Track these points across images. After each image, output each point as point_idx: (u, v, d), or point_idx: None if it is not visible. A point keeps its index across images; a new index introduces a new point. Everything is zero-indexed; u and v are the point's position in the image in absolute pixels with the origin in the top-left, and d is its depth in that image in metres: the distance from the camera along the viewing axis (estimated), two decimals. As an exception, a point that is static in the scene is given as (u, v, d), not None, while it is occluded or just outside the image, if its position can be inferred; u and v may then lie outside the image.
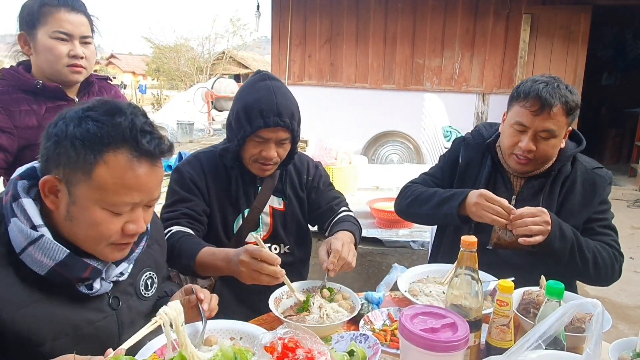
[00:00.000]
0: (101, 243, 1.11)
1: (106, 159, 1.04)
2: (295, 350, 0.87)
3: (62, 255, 1.06)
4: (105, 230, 1.09)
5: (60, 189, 1.07)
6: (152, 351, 1.16)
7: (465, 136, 2.09)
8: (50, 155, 1.07)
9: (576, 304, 0.85)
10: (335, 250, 1.57)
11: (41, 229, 1.07)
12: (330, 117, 8.43)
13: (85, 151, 1.03)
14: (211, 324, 1.32)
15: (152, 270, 1.35)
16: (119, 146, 1.05)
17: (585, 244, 1.74)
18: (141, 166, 1.07)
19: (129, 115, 1.08)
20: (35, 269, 1.06)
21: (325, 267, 1.56)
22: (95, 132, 1.04)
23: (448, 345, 1.07)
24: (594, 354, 0.73)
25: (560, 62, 7.53)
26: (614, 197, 7.25)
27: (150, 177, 1.10)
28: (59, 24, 1.80)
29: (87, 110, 1.07)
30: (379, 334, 1.42)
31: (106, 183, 1.05)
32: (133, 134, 1.06)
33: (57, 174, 1.06)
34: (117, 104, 1.10)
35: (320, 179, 1.99)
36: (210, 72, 23.57)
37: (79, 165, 1.04)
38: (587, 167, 1.89)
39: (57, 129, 1.07)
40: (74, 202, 1.07)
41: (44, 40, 1.81)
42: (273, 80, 1.74)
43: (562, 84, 1.73)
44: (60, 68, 1.84)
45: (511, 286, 1.27)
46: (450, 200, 1.84)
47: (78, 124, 1.05)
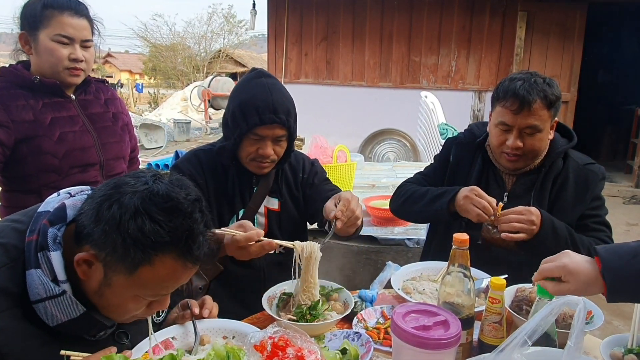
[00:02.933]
0: (123, 317, 1.10)
1: (153, 260, 0.99)
2: (285, 349, 0.87)
3: (77, 313, 1.03)
4: (132, 311, 1.08)
5: (94, 264, 1.02)
6: (143, 351, 1.16)
7: (457, 135, 2.11)
8: (95, 236, 1.00)
9: (562, 302, 0.86)
10: (344, 199, 1.55)
11: (64, 285, 1.03)
12: (326, 115, 8.43)
13: (134, 250, 0.98)
14: (204, 323, 1.32)
15: None
16: (170, 251, 1.00)
17: (579, 241, 1.75)
18: (186, 270, 1.04)
19: (187, 217, 1.01)
20: (45, 320, 1.03)
21: (332, 215, 1.52)
22: (149, 234, 0.97)
23: (440, 343, 1.08)
24: (576, 348, 0.74)
25: (556, 59, 7.55)
26: (610, 194, 7.28)
27: (189, 275, 1.08)
28: (61, 27, 1.81)
29: (146, 201, 0.99)
30: (372, 332, 1.42)
31: (147, 282, 1.02)
32: (187, 243, 1.01)
33: (97, 254, 1.01)
34: (178, 202, 1.01)
35: (316, 175, 1.99)
36: (207, 71, 23.54)
37: (125, 261, 0.99)
38: (579, 163, 1.90)
39: (110, 215, 0.98)
40: (109, 285, 1.03)
41: (46, 43, 1.82)
42: (268, 78, 1.74)
43: (539, 79, 1.75)
44: (60, 70, 1.86)
45: (503, 283, 1.28)
46: (441, 197, 1.87)
47: (133, 217, 0.97)
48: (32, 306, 1.02)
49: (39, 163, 1.85)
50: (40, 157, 1.84)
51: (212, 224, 1.15)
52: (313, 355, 0.87)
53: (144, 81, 28.91)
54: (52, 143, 1.85)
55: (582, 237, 1.79)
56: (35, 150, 1.83)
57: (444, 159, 2.08)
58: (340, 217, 1.50)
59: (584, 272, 1.15)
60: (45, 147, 1.84)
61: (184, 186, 1.06)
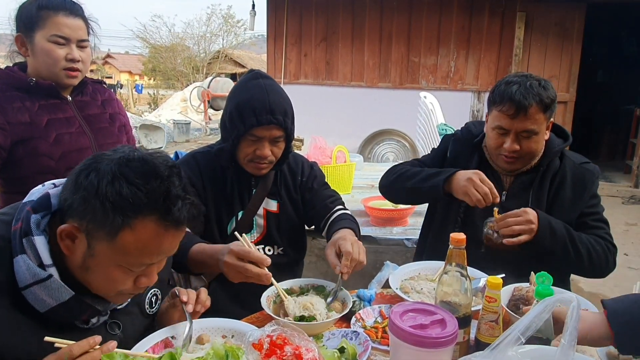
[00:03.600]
0: (112, 292, 1.10)
1: (133, 224, 1.00)
2: (283, 347, 0.88)
3: (66, 296, 1.04)
4: (119, 285, 1.08)
5: (78, 237, 1.04)
6: (144, 349, 1.17)
7: (454, 132, 2.13)
8: (75, 206, 1.02)
9: (555, 300, 0.87)
10: (346, 252, 1.53)
11: (50, 269, 1.04)
12: (326, 115, 8.44)
13: (114, 214, 0.99)
14: (203, 323, 1.33)
15: (156, 287, 1.35)
16: (149, 213, 1.01)
17: (578, 238, 1.77)
18: (167, 234, 1.05)
19: (164, 179, 1.03)
20: (35, 306, 1.04)
21: (338, 270, 1.53)
22: (127, 196, 0.99)
23: (437, 341, 1.09)
24: (569, 346, 0.75)
25: (555, 59, 7.56)
26: (609, 194, 7.29)
27: (174, 242, 1.08)
28: (57, 27, 1.81)
29: (122, 166, 1.01)
30: (370, 331, 1.43)
31: (129, 247, 1.02)
32: (166, 203, 1.01)
33: (79, 224, 1.02)
34: (154, 165, 1.04)
35: (315, 179, 1.99)
36: (206, 71, 23.57)
37: (105, 225, 1.00)
38: (575, 162, 1.93)
39: (88, 182, 1.01)
40: (92, 256, 1.04)
41: (42, 44, 1.82)
42: (265, 79, 1.75)
43: (534, 82, 1.76)
44: (57, 71, 1.86)
45: (499, 283, 1.29)
46: (437, 175, 1.88)
47: (111, 181, 1.00)
48: (22, 294, 1.03)
49: (35, 165, 1.85)
50: (36, 159, 1.85)
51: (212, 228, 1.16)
52: (311, 353, 0.88)
53: (144, 82, 28.94)
54: (48, 145, 1.85)
55: (581, 234, 1.81)
56: (32, 152, 1.83)
57: (441, 153, 2.11)
58: (346, 272, 1.51)
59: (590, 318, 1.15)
60: (41, 149, 1.84)
61: (162, 156, 1.08)
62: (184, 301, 1.25)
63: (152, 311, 1.34)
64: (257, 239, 1.90)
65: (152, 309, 1.33)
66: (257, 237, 1.90)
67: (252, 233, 1.89)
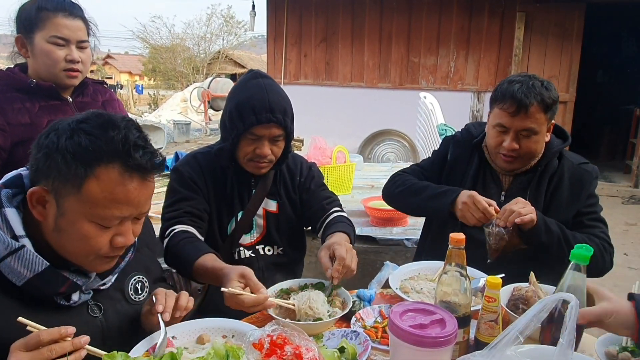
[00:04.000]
0: (89, 256, 1.10)
1: (97, 173, 1.02)
2: (283, 347, 0.88)
3: (41, 267, 1.05)
4: (94, 243, 1.08)
5: (48, 200, 1.06)
6: (144, 349, 1.18)
7: (455, 134, 2.13)
8: (40, 166, 1.05)
9: (555, 298, 0.87)
10: (339, 257, 1.54)
11: (23, 239, 1.06)
12: (326, 116, 8.46)
13: (76, 165, 1.02)
14: (204, 323, 1.34)
15: (141, 274, 1.35)
16: (110, 160, 1.03)
17: (572, 237, 1.78)
18: (132, 181, 1.06)
19: (122, 129, 1.06)
20: (12, 279, 1.05)
21: (329, 274, 1.54)
22: (87, 146, 1.02)
23: (436, 341, 1.09)
24: (568, 345, 0.76)
25: (554, 59, 7.56)
26: (609, 194, 7.30)
27: (141, 192, 1.09)
28: (56, 28, 1.82)
29: (80, 123, 1.05)
30: (370, 331, 1.43)
31: (96, 197, 1.03)
32: (126, 148, 1.04)
33: (46, 185, 1.05)
34: (110, 118, 1.08)
35: (312, 180, 1.99)
36: (206, 72, 23.57)
37: (69, 178, 1.02)
38: (573, 163, 1.94)
39: (49, 140, 1.05)
40: (63, 215, 1.05)
41: (42, 45, 1.83)
42: (265, 78, 1.76)
43: (537, 82, 1.77)
44: (57, 72, 1.87)
45: (499, 282, 1.30)
46: (442, 197, 1.88)
47: (70, 136, 1.03)
48: None
49: None
50: None
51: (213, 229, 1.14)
52: (311, 352, 0.88)
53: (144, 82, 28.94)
54: None
55: (576, 234, 1.82)
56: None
57: (441, 156, 2.11)
58: (336, 277, 1.53)
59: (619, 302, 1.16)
60: None
61: (118, 114, 1.13)
62: (159, 311, 1.21)
63: (138, 299, 1.32)
64: (257, 239, 1.91)
65: (138, 296, 1.32)
66: (257, 237, 1.91)
67: (251, 233, 1.90)
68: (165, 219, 1.75)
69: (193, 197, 1.79)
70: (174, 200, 1.78)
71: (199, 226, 1.76)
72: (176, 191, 1.80)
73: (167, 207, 1.79)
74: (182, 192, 1.79)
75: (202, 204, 1.80)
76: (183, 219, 1.73)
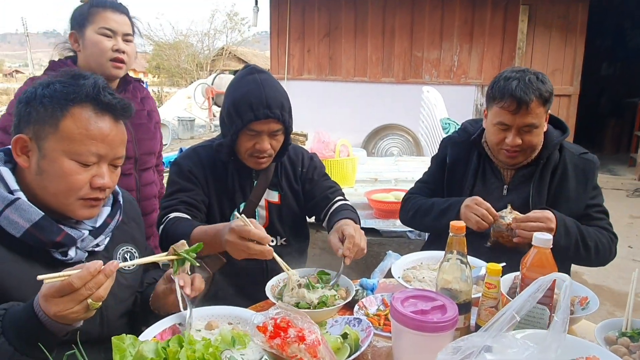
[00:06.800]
0: (71, 196, 1.18)
1: (72, 112, 1.15)
2: (287, 330, 0.91)
3: (37, 216, 1.14)
4: (74, 181, 1.17)
5: (31, 148, 1.17)
6: (152, 335, 1.21)
7: (451, 135, 2.15)
8: (21, 116, 1.18)
9: (549, 279, 0.89)
10: (349, 235, 1.58)
11: (17, 192, 1.16)
12: (329, 111, 8.46)
13: (52, 106, 1.15)
14: (210, 310, 1.37)
15: (130, 245, 1.41)
16: (83, 101, 1.17)
17: (587, 233, 1.81)
18: (104, 119, 1.19)
19: (91, 78, 1.20)
20: (10, 231, 1.12)
21: (341, 253, 1.56)
22: (61, 90, 1.16)
23: (437, 326, 1.12)
24: (562, 322, 0.77)
25: (558, 52, 7.54)
26: (614, 187, 7.29)
27: (113, 131, 1.21)
28: (104, 21, 2.02)
29: (54, 77, 1.20)
30: (373, 319, 1.46)
31: (72, 133, 1.15)
32: (96, 91, 1.18)
33: (27, 133, 1.16)
34: (81, 72, 1.23)
35: (315, 170, 2.01)
36: (210, 69, 23.57)
37: (47, 120, 1.15)
38: (574, 153, 1.96)
39: (28, 92, 1.18)
40: (44, 156, 1.15)
41: (92, 36, 2.02)
42: (261, 73, 1.77)
43: (532, 77, 1.78)
44: (104, 62, 2.03)
45: (499, 269, 1.32)
46: (448, 212, 1.91)
47: (46, 86, 1.18)
48: None
49: None
50: None
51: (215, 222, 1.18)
52: (313, 334, 0.91)
53: (148, 79, 28.97)
54: None
55: (588, 228, 1.84)
56: None
57: (440, 159, 2.13)
58: (348, 255, 1.55)
59: None
60: None
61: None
62: (181, 285, 1.26)
63: (127, 268, 1.36)
64: None
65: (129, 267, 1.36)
66: None
67: None
68: (162, 207, 1.78)
69: (191, 188, 1.82)
70: (172, 191, 1.82)
71: (195, 215, 1.78)
72: (175, 183, 1.83)
73: (165, 198, 1.83)
74: (181, 183, 1.82)
75: (199, 196, 1.83)
76: (179, 207, 1.76)
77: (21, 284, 1.12)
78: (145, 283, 1.50)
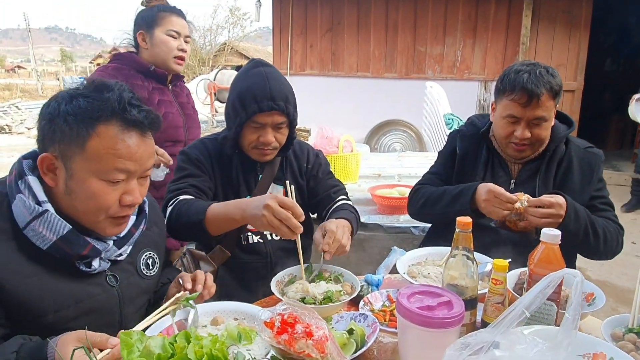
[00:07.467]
0: (100, 215, 1.16)
1: (98, 130, 1.10)
2: (294, 325, 0.91)
3: (64, 230, 1.12)
4: (103, 201, 1.14)
5: (57, 166, 1.13)
6: (158, 331, 1.21)
7: (459, 128, 2.15)
8: (45, 134, 1.13)
9: (560, 275, 0.89)
10: (330, 231, 1.59)
11: (45, 204, 1.13)
12: (332, 106, 8.45)
13: (77, 125, 1.10)
14: (216, 306, 1.37)
15: (152, 251, 1.41)
16: (109, 118, 1.11)
17: (596, 221, 1.80)
18: (131, 136, 1.14)
19: (116, 90, 1.14)
20: (37, 244, 1.11)
21: (320, 248, 1.58)
22: (85, 107, 1.10)
23: (443, 322, 1.11)
24: (573, 319, 0.77)
25: (562, 48, 7.50)
26: (617, 183, 7.26)
27: (141, 147, 1.16)
28: (172, 24, 2.37)
29: (76, 90, 1.15)
30: (378, 314, 1.45)
31: (99, 153, 1.11)
32: (121, 106, 1.12)
33: (53, 151, 1.12)
34: (104, 82, 1.17)
35: (320, 168, 2.02)
36: (212, 64, 23.54)
37: (73, 139, 1.10)
38: (580, 147, 1.97)
39: (50, 108, 1.13)
40: (71, 176, 1.12)
41: (161, 36, 2.36)
42: (265, 67, 1.77)
43: (542, 70, 1.78)
44: (170, 58, 2.39)
45: (506, 265, 1.31)
46: (460, 197, 1.88)
47: (69, 101, 1.12)
48: (24, 235, 1.10)
49: None
50: None
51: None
52: (321, 330, 0.91)
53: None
54: None
55: (598, 218, 1.84)
56: None
57: (449, 151, 2.12)
58: (327, 250, 1.56)
59: None
60: None
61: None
62: (188, 289, 1.30)
63: (149, 274, 1.38)
64: None
65: (149, 271, 1.38)
66: None
67: None
68: (170, 190, 1.76)
69: (199, 174, 1.82)
70: (181, 176, 1.81)
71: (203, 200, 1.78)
72: (183, 169, 1.83)
73: (173, 182, 1.81)
74: (189, 169, 1.82)
75: (207, 182, 1.83)
76: (188, 190, 1.75)
77: (43, 297, 1.11)
78: (160, 283, 1.51)
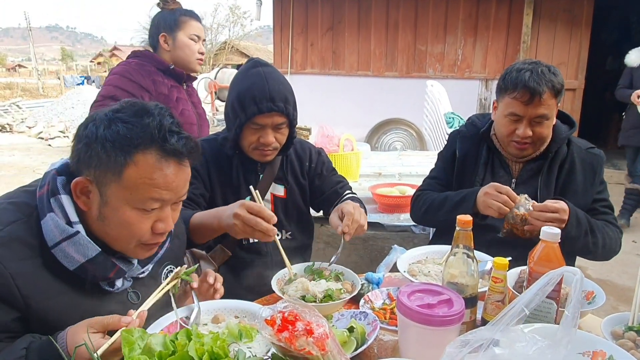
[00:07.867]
0: (132, 242, 1.15)
1: (135, 159, 1.07)
2: (295, 323, 0.91)
3: (93, 253, 1.10)
4: (136, 230, 1.12)
5: (91, 190, 1.10)
6: (160, 328, 1.21)
7: (459, 129, 2.15)
8: (81, 157, 1.10)
9: (559, 272, 0.89)
10: (348, 212, 1.60)
11: (77, 225, 1.10)
12: (333, 105, 8.45)
13: (115, 153, 1.06)
14: (217, 304, 1.38)
15: (172, 264, 1.40)
16: (147, 146, 1.07)
17: (596, 226, 1.80)
18: (169, 166, 1.11)
19: (156, 116, 1.10)
20: (65, 264, 1.09)
21: (340, 230, 1.58)
22: (124, 134, 1.06)
23: (443, 320, 1.12)
24: (572, 317, 0.77)
25: (563, 46, 7.49)
26: (618, 182, 7.24)
27: (178, 176, 1.13)
28: (193, 29, 2.54)
29: (116, 112, 1.10)
30: (379, 313, 1.46)
31: (136, 183, 1.08)
32: (161, 134, 1.08)
33: (88, 175, 1.09)
34: (145, 105, 1.13)
35: (323, 165, 2.03)
36: (213, 63, 23.54)
37: (110, 166, 1.07)
38: (581, 148, 1.97)
39: (88, 131, 1.09)
40: (106, 203, 1.10)
41: (184, 39, 2.52)
42: (264, 67, 1.77)
43: (544, 68, 1.79)
44: (193, 60, 2.57)
45: (506, 263, 1.31)
46: (463, 203, 1.88)
47: (108, 125, 1.08)
48: (52, 254, 1.08)
49: None
50: None
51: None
52: (321, 328, 0.91)
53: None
54: (177, 114, 2.12)
55: (597, 222, 1.84)
56: None
57: (449, 153, 2.12)
58: (347, 232, 1.57)
59: None
60: None
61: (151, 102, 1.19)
62: (194, 288, 1.31)
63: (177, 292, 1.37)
64: None
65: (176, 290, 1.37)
66: None
67: None
68: None
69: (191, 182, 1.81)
70: None
71: (192, 208, 1.78)
72: None
73: None
74: None
75: (199, 189, 1.83)
76: None
77: (66, 316, 1.09)
78: None
